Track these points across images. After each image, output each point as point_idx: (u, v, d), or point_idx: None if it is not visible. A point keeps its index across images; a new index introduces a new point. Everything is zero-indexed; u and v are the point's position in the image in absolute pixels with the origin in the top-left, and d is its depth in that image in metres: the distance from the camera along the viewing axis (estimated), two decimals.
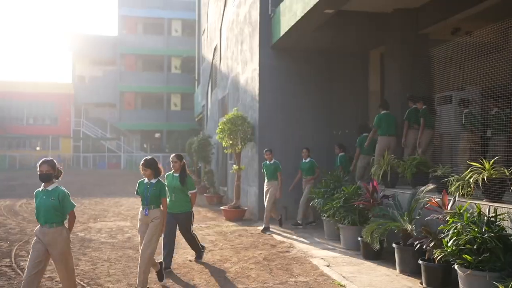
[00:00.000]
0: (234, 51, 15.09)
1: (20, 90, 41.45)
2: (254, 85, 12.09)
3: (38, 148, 42.64)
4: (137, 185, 6.13)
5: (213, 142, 17.87)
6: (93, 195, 17.81)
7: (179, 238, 9.20)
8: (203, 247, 7.51)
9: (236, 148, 11.90)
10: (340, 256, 7.67)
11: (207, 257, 7.71)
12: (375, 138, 9.49)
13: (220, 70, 18.27)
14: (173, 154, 7.31)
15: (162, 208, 6.06)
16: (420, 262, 5.89)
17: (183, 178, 6.96)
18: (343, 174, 9.62)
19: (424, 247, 5.82)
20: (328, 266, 7.07)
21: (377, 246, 6.54)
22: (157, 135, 45.17)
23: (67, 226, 5.01)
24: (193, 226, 7.50)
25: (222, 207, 12.36)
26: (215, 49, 20.24)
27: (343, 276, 6.48)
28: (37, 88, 42.07)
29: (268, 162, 10.26)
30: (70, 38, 44.23)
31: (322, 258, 7.54)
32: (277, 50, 11.60)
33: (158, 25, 44.78)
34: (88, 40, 43.40)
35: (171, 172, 7.15)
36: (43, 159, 4.99)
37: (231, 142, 11.86)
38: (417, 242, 5.96)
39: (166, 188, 6.36)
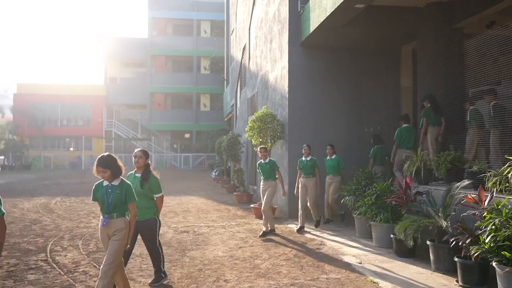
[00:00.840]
0: (263, 49, 15.08)
1: (55, 92, 42.54)
2: (283, 83, 12.04)
3: (71, 149, 43.67)
4: (93, 189, 4.97)
5: (243, 141, 17.90)
6: None
7: (209, 237, 9.26)
8: (165, 274, 6.04)
9: (266, 146, 11.86)
10: (372, 254, 7.55)
11: (237, 253, 7.71)
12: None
13: (249, 69, 18.29)
14: (138, 149, 6.08)
15: (129, 216, 4.94)
16: (456, 259, 5.73)
17: (145, 179, 5.78)
18: (371, 167, 9.57)
19: (460, 244, 5.67)
20: (360, 263, 6.97)
21: (411, 243, 6.40)
22: (186, 135, 45.62)
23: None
24: (224, 224, 7.35)
25: (252, 205, 12.35)
26: (244, 48, 20.29)
27: (375, 273, 6.37)
28: (71, 90, 43.08)
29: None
30: (103, 41, 45.20)
31: (353, 256, 7.44)
32: (307, 47, 11.52)
33: (187, 26, 45.25)
34: (119, 43, 44.23)
35: (133, 171, 5.96)
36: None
37: (260, 140, 11.84)
38: (452, 239, 5.81)
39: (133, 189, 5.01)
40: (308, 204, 9.89)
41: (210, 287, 5.84)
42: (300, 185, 9.94)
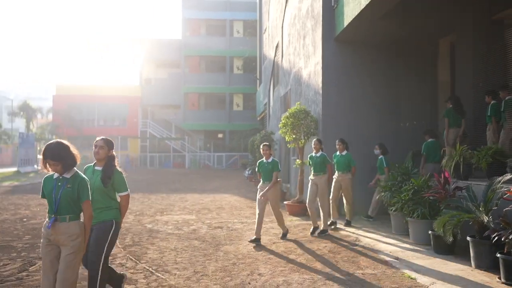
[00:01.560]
0: (296, 46, 14.99)
1: (92, 93, 43.58)
2: (317, 79, 11.93)
3: None
4: (43, 183, 4.02)
5: (276, 139, 17.85)
6: (159, 191, 18.35)
7: (243, 233, 9.25)
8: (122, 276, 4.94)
9: (299, 143, 11.79)
10: (409, 250, 7.37)
11: (271, 248, 7.67)
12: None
13: (282, 67, 18.23)
14: (99, 137, 4.79)
15: (83, 218, 3.97)
16: (498, 256, 5.52)
17: (108, 175, 4.52)
18: (422, 166, 9.38)
19: (502, 239, 5.45)
20: (397, 259, 6.81)
21: (450, 239, 6.20)
22: (220, 135, 45.93)
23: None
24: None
25: (285, 202, 12.29)
26: (276, 46, 20.24)
27: (413, 269, 6.21)
28: (107, 91, 44.05)
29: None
30: (138, 43, 46.06)
31: (390, 252, 7.28)
32: (341, 42, 11.37)
33: (220, 27, 45.56)
34: (154, 44, 44.96)
35: (92, 164, 4.74)
36: None
37: (294, 136, 11.76)
38: (495, 234, 5.60)
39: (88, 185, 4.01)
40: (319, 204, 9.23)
41: (244, 280, 5.82)
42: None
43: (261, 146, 8.61)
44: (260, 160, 8.72)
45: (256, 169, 8.86)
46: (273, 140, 17.52)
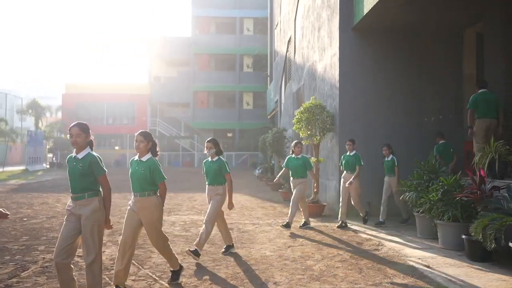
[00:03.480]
0: (310, 39, 14.31)
1: (101, 92, 43.18)
2: (333, 72, 11.24)
3: (117, 147, 44.21)
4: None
5: (288, 136, 17.19)
6: (167, 190, 17.69)
7: (255, 235, 8.59)
8: None
9: (315, 139, 11.11)
10: (440, 257, 6.66)
11: (286, 253, 7.00)
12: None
13: (295, 62, 17.56)
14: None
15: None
16: None
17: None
18: (440, 166, 8.50)
19: None
20: (427, 267, 6.12)
21: (492, 245, 5.48)
22: (229, 134, 45.32)
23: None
24: (270, 221, 6.16)
25: None
26: (289, 41, 19.57)
27: (448, 280, 5.51)
28: (116, 89, 43.63)
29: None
30: (147, 41, 45.58)
31: (418, 258, 6.58)
32: (359, 32, 10.66)
33: (230, 24, 44.91)
34: (163, 42, 44.44)
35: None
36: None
37: (309, 132, 11.09)
38: None
39: None
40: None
41: None
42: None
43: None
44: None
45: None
46: (285, 137, 16.85)
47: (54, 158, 40.67)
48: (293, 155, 9.15)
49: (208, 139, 7.19)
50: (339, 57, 10.76)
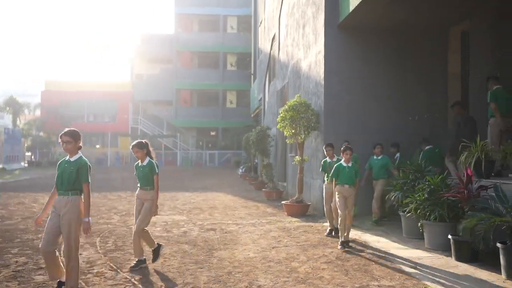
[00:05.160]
0: (295, 36, 14.15)
1: (82, 89, 42.47)
2: (318, 69, 11.09)
3: (98, 146, 43.54)
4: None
5: (272, 134, 17.02)
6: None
7: (238, 236, 8.39)
8: None
9: (299, 138, 10.95)
10: (426, 257, 6.55)
11: (271, 254, 6.82)
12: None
13: (279, 60, 17.39)
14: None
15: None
16: None
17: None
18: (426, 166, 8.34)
19: None
20: (414, 268, 5.99)
21: (481, 246, 5.38)
22: (212, 133, 44.99)
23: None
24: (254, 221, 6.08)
25: (283, 202, 11.44)
26: (273, 38, 19.39)
27: (436, 281, 5.39)
28: (97, 87, 42.94)
29: (329, 159, 8.83)
30: (130, 38, 45.08)
31: (405, 259, 6.45)
32: (344, 30, 10.52)
33: (213, 22, 44.54)
34: (146, 39, 43.92)
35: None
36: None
37: (293, 131, 10.92)
38: None
39: None
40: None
41: None
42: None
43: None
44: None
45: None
46: (269, 136, 16.67)
47: (32, 157, 39.86)
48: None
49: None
50: (324, 55, 10.61)
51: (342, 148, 7.64)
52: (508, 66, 8.80)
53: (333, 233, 8.32)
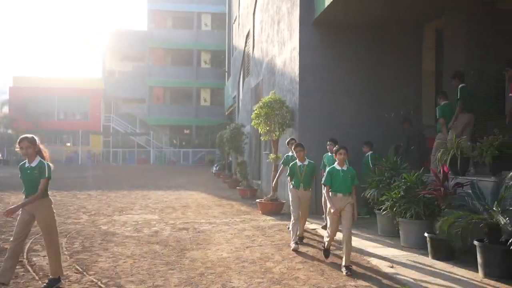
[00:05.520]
0: (270, 33, 13.97)
1: (52, 86, 41.33)
2: (293, 66, 10.93)
3: (68, 144, 42.53)
4: None
5: (246, 132, 16.82)
6: (120, 188, 17.00)
7: (211, 235, 8.16)
8: None
9: (273, 135, 10.78)
10: (403, 255, 6.45)
11: (245, 254, 6.62)
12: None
13: (253, 57, 17.19)
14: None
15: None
16: None
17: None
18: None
19: None
20: (391, 267, 5.89)
21: (459, 244, 5.29)
22: (186, 131, 44.51)
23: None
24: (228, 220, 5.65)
25: (257, 200, 11.26)
26: (247, 35, 19.19)
27: (412, 279, 5.29)
28: (68, 83, 41.89)
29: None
30: (101, 34, 44.17)
31: (381, 258, 6.35)
32: (320, 26, 10.39)
33: (187, 19, 43.99)
34: (118, 36, 43.05)
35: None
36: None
37: (267, 128, 10.74)
38: None
39: None
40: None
41: None
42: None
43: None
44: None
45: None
46: (244, 133, 16.47)
47: (0, 155, 38.67)
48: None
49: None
50: (299, 51, 10.46)
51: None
52: (480, 63, 8.83)
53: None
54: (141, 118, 42.63)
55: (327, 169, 6.28)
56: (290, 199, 7.35)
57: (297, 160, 7.25)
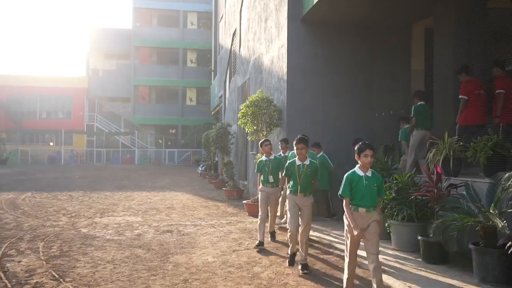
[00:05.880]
0: (257, 30, 13.71)
1: (34, 84, 40.56)
2: (281, 64, 10.69)
3: (51, 143, 41.75)
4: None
5: (232, 131, 16.53)
6: (103, 189, 16.59)
7: (197, 238, 7.89)
8: None
9: (261, 135, 10.52)
10: (395, 260, 6.23)
11: (231, 259, 6.35)
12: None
13: (240, 55, 16.92)
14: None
15: None
16: None
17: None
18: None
19: None
20: (383, 271, 5.66)
21: (454, 248, 5.09)
22: (172, 130, 44.00)
23: None
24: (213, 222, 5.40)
25: (244, 201, 10.99)
26: (234, 33, 18.90)
27: (407, 286, 5.06)
28: (50, 82, 41.14)
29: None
30: (85, 32, 43.57)
31: None
32: (308, 23, 10.17)
33: (173, 18, 43.49)
34: (102, 33, 42.35)
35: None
36: None
37: (255, 127, 10.48)
38: (510, 242, 4.53)
39: None
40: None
41: None
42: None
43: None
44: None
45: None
46: (230, 133, 16.18)
47: None
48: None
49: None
50: (287, 49, 10.22)
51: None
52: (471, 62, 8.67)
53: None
54: (126, 117, 42.03)
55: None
56: (287, 206, 6.18)
57: (296, 159, 6.09)
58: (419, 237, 6.07)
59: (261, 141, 7.51)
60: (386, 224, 6.93)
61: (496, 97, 7.37)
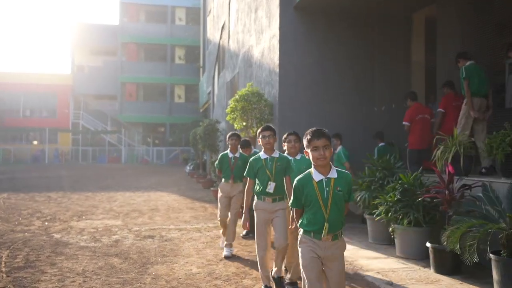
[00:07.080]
0: (246, 22, 13.00)
1: (16, 81, 39.48)
2: (272, 56, 9.99)
3: (35, 142, 40.69)
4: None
5: (221, 128, 15.81)
6: (85, 189, 15.77)
7: (180, 245, 7.16)
8: None
9: (251, 131, 9.83)
10: (402, 269, 5.57)
11: (218, 269, 5.65)
12: None
13: (229, 49, 16.19)
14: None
15: None
16: None
17: None
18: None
19: None
20: (390, 284, 4.99)
21: (475, 259, 4.42)
22: (160, 128, 43.14)
23: None
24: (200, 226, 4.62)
25: None
26: (222, 27, 18.17)
27: None
28: (34, 79, 40.06)
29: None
30: (69, 27, 42.31)
31: (378, 272, 5.45)
32: (302, 11, 9.49)
33: (161, 13, 42.55)
34: (88, 29, 41.30)
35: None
36: None
37: (244, 123, 9.78)
38: None
39: None
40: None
41: None
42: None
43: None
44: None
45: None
46: (218, 130, 15.46)
47: None
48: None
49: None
50: (279, 39, 9.52)
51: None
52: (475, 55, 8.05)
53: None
54: (113, 115, 41.07)
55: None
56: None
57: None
58: (429, 244, 5.41)
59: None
60: (391, 229, 6.27)
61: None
